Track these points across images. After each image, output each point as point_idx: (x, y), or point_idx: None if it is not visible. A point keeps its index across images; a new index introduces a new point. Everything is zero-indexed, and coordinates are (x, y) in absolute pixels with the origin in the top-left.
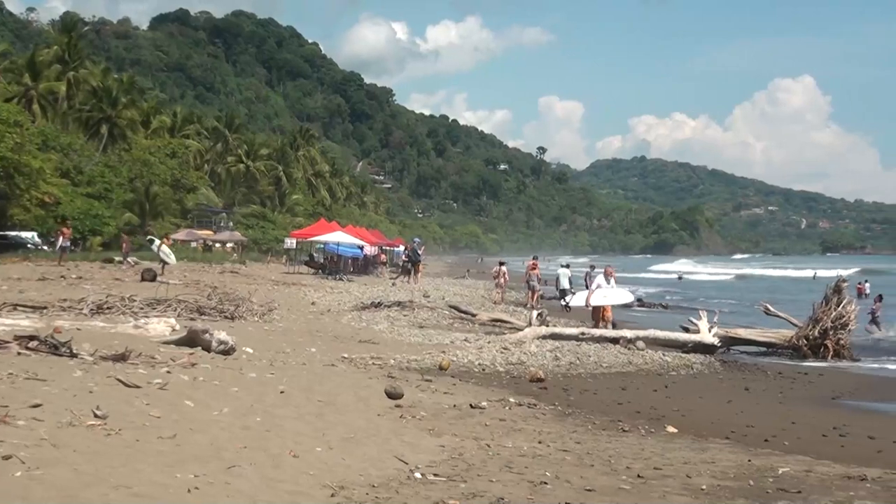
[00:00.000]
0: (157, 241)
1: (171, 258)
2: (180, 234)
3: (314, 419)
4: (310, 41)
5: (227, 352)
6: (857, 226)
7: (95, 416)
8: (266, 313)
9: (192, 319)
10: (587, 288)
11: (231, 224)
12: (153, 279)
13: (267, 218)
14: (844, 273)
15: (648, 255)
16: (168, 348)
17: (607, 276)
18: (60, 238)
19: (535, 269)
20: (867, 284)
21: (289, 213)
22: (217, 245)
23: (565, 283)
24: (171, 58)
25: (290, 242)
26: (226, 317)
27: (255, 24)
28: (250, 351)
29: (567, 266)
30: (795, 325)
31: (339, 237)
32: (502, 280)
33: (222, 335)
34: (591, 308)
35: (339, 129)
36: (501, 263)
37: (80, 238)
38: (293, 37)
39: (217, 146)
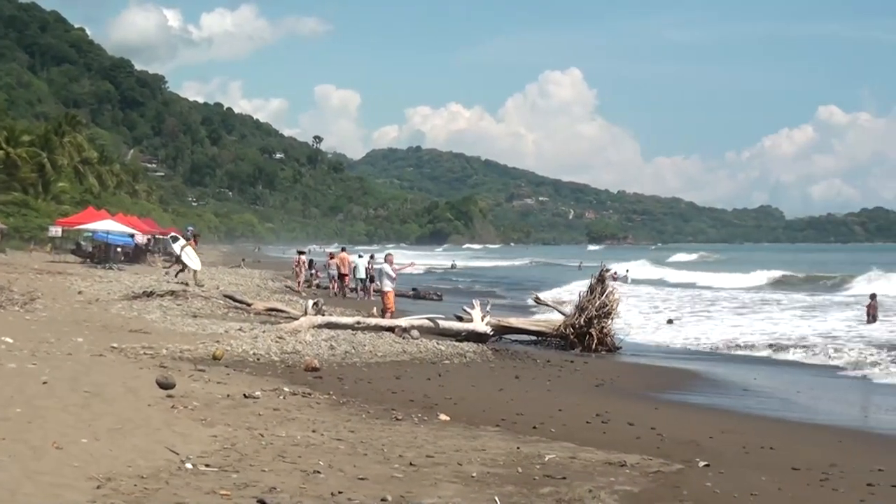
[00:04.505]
0: (182, 241)
1: (195, 262)
2: None
3: (80, 410)
4: (76, 26)
5: None
6: (620, 216)
7: None
8: (28, 302)
9: None
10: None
11: None
12: None
13: (29, 206)
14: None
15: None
16: None
17: (388, 262)
18: None
19: (333, 258)
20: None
21: (54, 200)
22: None
23: (362, 273)
24: None
25: (56, 231)
26: None
27: (15, 8)
28: (10, 341)
29: (362, 256)
30: (564, 314)
31: (108, 225)
32: (301, 269)
33: None
34: (383, 296)
35: (109, 115)
36: (300, 253)
37: None
38: (58, 21)
39: None
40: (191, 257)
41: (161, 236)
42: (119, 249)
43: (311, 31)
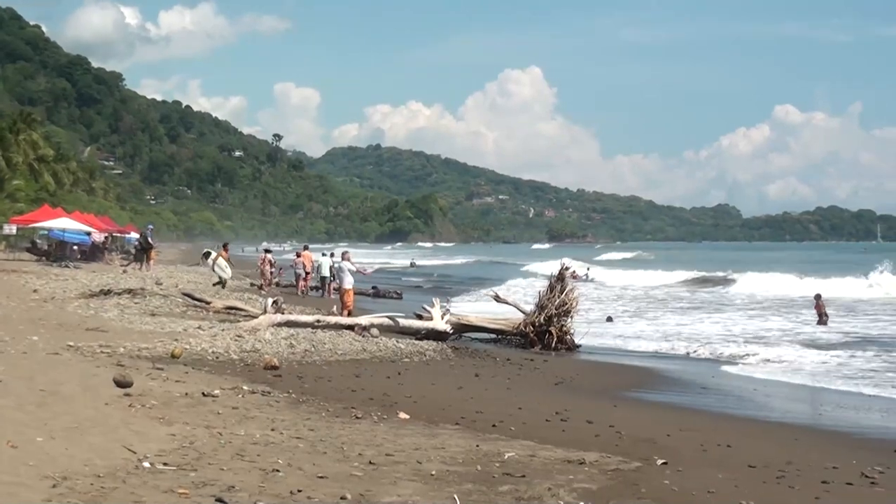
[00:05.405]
0: (213, 254)
1: (227, 272)
2: None
3: (36, 409)
4: (31, 23)
5: None
6: (580, 214)
7: None
8: None
9: None
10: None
11: None
12: None
13: None
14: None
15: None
16: None
17: (344, 259)
18: None
19: (300, 257)
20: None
21: (9, 199)
22: None
23: (326, 272)
24: None
25: (10, 228)
26: None
27: None
28: None
29: (325, 255)
30: (524, 313)
31: (64, 223)
32: (267, 267)
33: None
34: (342, 294)
35: (65, 113)
36: (267, 251)
37: None
38: (13, 18)
39: None
40: (223, 268)
41: (119, 234)
42: (75, 247)
43: (270, 29)
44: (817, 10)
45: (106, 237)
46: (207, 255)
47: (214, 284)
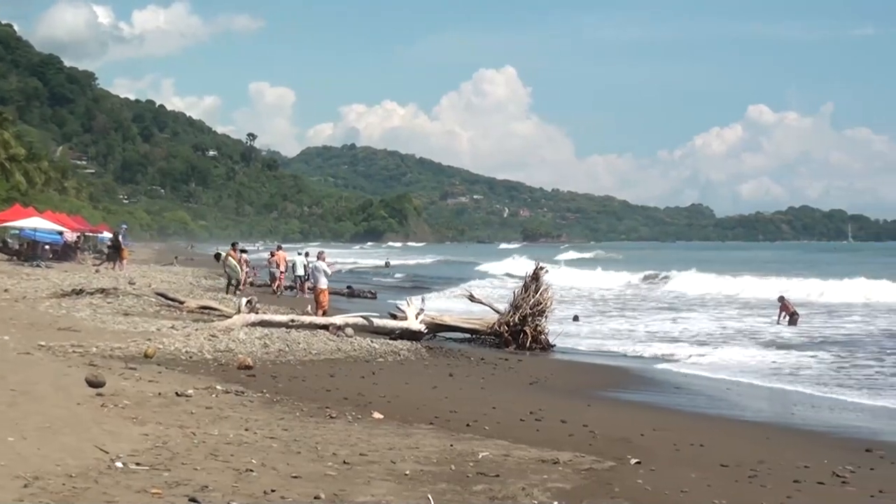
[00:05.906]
0: (223, 254)
1: (236, 271)
2: None
3: (6, 409)
4: (3, 22)
5: None
6: (554, 214)
7: None
8: None
9: None
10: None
11: None
12: None
13: None
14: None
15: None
16: None
17: (319, 259)
18: None
19: (273, 256)
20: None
21: None
22: None
23: (300, 271)
24: None
25: None
26: None
27: None
28: None
29: (300, 254)
30: (498, 312)
31: (36, 222)
32: (243, 267)
33: None
34: (317, 293)
35: (37, 112)
36: (243, 251)
37: None
38: None
39: None
40: (232, 268)
41: (91, 234)
42: (47, 247)
43: (244, 28)
44: (791, 11)
45: (78, 237)
46: (218, 256)
47: (229, 286)
